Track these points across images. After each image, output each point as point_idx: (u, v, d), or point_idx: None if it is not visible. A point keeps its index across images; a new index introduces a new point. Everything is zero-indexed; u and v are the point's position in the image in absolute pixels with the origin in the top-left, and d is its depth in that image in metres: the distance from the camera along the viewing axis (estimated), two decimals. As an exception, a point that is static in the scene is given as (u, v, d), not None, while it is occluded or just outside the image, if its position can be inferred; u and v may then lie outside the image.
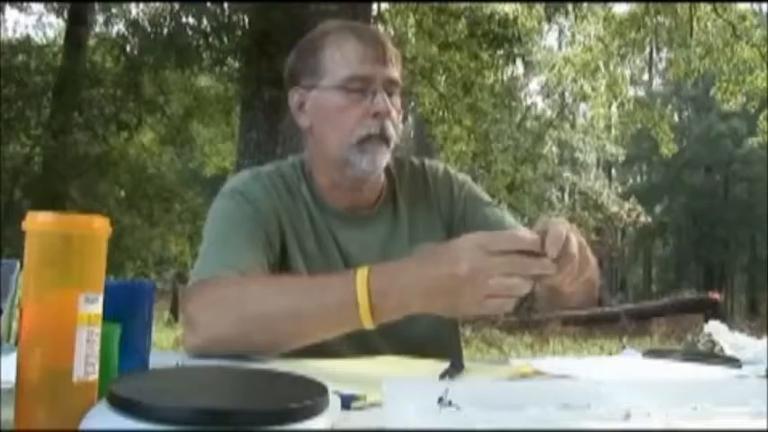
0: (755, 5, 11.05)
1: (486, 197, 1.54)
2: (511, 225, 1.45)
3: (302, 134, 1.44)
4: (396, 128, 1.35)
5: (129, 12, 10.24)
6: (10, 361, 0.70)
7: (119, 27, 10.35)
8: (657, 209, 28.76)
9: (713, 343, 1.28)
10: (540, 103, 21.28)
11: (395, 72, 1.36)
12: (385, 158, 1.35)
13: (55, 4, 12.40)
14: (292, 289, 1.14)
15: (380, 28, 10.28)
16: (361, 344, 1.30)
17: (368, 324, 1.05)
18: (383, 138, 1.32)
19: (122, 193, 10.18)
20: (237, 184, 1.40)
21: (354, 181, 1.38)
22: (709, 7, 10.58)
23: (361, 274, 1.04)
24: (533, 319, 13.26)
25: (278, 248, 1.34)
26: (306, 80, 1.37)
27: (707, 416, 0.68)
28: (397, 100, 1.36)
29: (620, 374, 1.14)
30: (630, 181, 34.00)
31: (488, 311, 1.00)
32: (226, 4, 7.70)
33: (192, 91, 10.38)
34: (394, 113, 1.34)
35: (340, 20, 1.42)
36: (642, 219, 17.47)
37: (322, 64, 1.35)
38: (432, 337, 1.35)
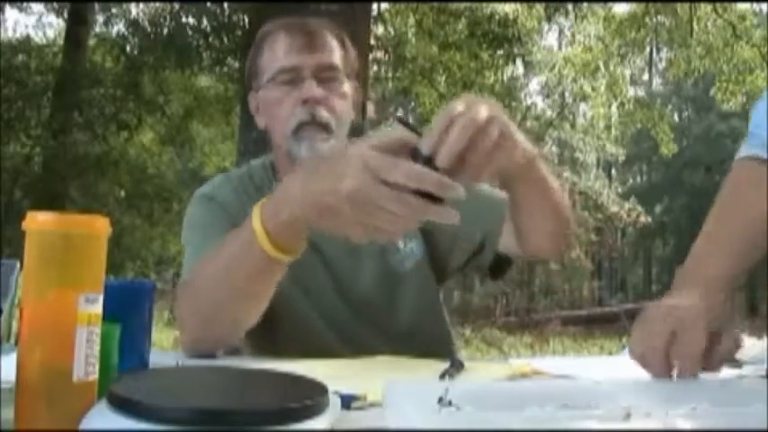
0: (755, 5, 11.04)
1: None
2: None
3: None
4: (337, 113, 1.33)
5: (129, 12, 10.24)
6: (10, 361, 0.70)
7: (119, 27, 10.36)
8: (657, 209, 28.75)
9: (713, 343, 1.28)
10: (540, 103, 21.25)
11: (329, 58, 1.36)
12: (325, 144, 1.31)
13: (55, 4, 12.41)
14: (217, 251, 1.09)
15: (380, 28, 10.29)
16: (349, 339, 1.33)
17: (271, 251, 0.96)
18: (317, 124, 1.31)
19: (122, 193, 10.19)
20: (207, 189, 1.42)
21: None
22: (709, 7, 10.57)
23: (258, 204, 0.99)
24: (533, 319, 13.25)
25: None
26: (254, 83, 1.41)
27: (707, 416, 0.68)
28: (341, 85, 1.36)
29: (620, 374, 1.14)
30: (630, 181, 33.99)
31: (372, 239, 0.90)
32: (226, 4, 7.71)
33: (192, 91, 10.39)
34: (333, 99, 1.33)
35: (281, 18, 1.42)
36: (642, 219, 17.47)
37: (261, 64, 1.38)
38: (417, 328, 1.36)
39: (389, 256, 1.39)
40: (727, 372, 1.12)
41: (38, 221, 0.67)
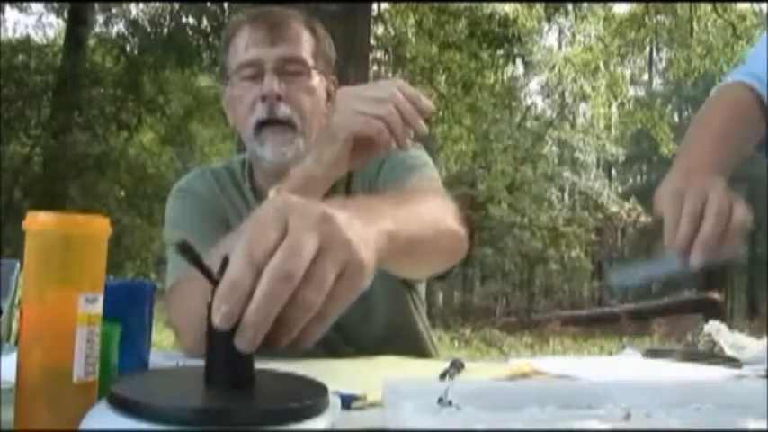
0: (755, 5, 11.04)
1: (414, 162, 1.32)
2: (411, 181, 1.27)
3: None
4: (302, 109, 1.25)
5: (129, 12, 10.24)
6: (10, 361, 0.70)
7: (119, 27, 10.36)
8: (657, 209, 28.70)
9: (713, 343, 1.28)
10: (540, 103, 21.27)
11: (294, 50, 1.27)
12: (291, 145, 1.24)
13: (55, 4, 12.41)
14: (223, 243, 1.08)
15: (380, 28, 10.29)
16: (326, 348, 1.28)
17: None
18: (277, 122, 1.24)
19: (122, 193, 10.19)
20: (182, 183, 1.40)
21: (273, 175, 1.24)
22: (709, 7, 10.57)
23: (273, 191, 1.08)
24: (533, 319, 13.26)
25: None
26: (223, 78, 1.35)
27: (707, 416, 0.68)
28: (308, 79, 1.27)
29: (620, 374, 1.14)
30: (630, 181, 33.98)
31: (357, 126, 1.02)
32: (226, 4, 7.71)
33: (192, 91, 10.40)
34: (297, 94, 1.25)
35: (248, 10, 1.33)
36: (642, 219, 17.46)
37: (226, 60, 1.32)
38: (389, 340, 1.30)
39: None
40: (727, 372, 1.12)
41: (38, 221, 0.67)
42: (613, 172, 30.50)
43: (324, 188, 1.10)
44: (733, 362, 1.18)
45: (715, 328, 1.31)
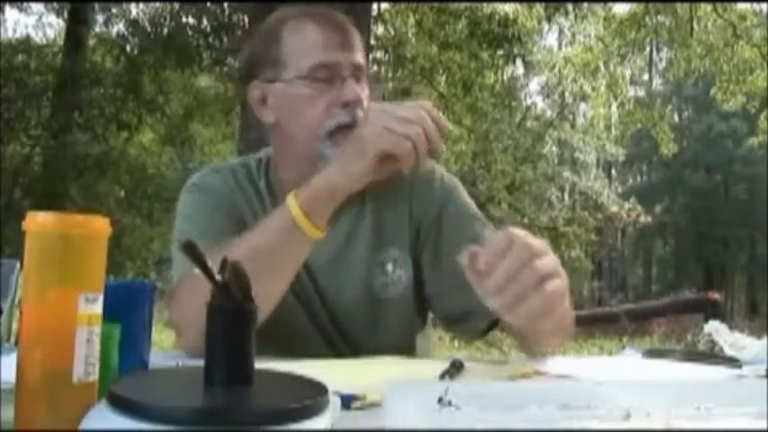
0: (755, 5, 11.04)
1: (472, 209, 1.39)
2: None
3: (265, 130, 1.36)
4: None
5: (129, 12, 10.24)
6: (10, 361, 0.70)
7: (119, 27, 10.36)
8: (657, 209, 28.74)
9: (713, 343, 1.28)
10: (540, 103, 21.27)
11: (360, 57, 1.27)
12: None
13: (55, 4, 12.42)
14: (239, 242, 1.14)
15: (380, 28, 10.29)
16: (337, 352, 1.30)
17: (310, 230, 1.12)
18: (353, 127, 1.22)
19: (122, 193, 10.19)
20: (195, 179, 1.38)
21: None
22: (709, 7, 10.57)
23: (290, 195, 1.14)
24: (533, 319, 13.18)
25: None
26: (266, 73, 1.28)
27: (707, 416, 0.68)
28: (365, 86, 1.28)
29: (620, 374, 1.14)
30: (630, 181, 33.99)
31: (388, 145, 1.09)
32: (226, 4, 7.71)
33: (192, 91, 10.40)
34: (365, 101, 1.26)
35: (295, 6, 1.31)
36: (642, 219, 17.45)
37: (283, 54, 1.26)
38: (397, 348, 1.30)
39: (374, 280, 1.33)
40: (727, 372, 1.12)
41: (38, 221, 0.67)
42: (613, 172, 30.51)
43: (343, 197, 1.15)
44: (733, 362, 1.18)
45: (715, 328, 1.31)
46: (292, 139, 1.29)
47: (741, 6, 10.74)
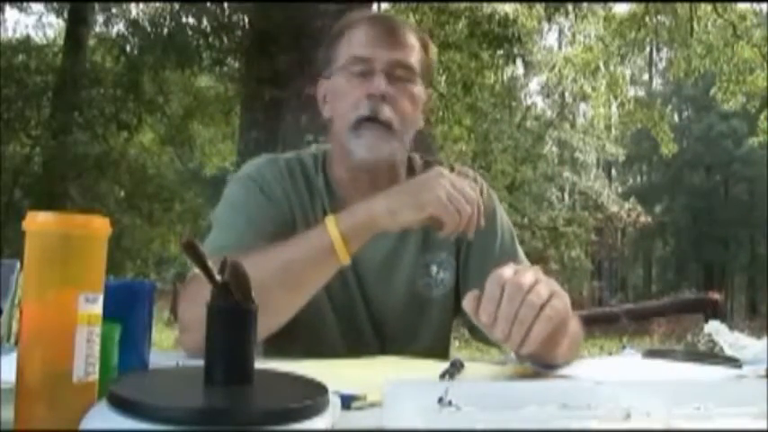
0: (755, 5, 11.04)
1: (505, 224, 1.43)
2: (520, 261, 1.37)
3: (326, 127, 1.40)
4: (403, 114, 1.28)
5: (129, 12, 10.22)
6: (10, 361, 0.70)
7: (119, 27, 10.34)
8: (657, 209, 28.74)
9: (713, 343, 1.28)
10: (540, 103, 21.29)
11: (406, 55, 1.29)
12: (387, 145, 1.27)
13: (55, 4, 12.40)
14: (273, 251, 1.16)
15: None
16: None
17: (344, 255, 1.15)
18: (377, 121, 1.25)
19: (122, 193, 10.18)
20: (250, 169, 1.36)
21: (364, 173, 1.31)
22: (709, 7, 10.56)
23: (330, 218, 1.17)
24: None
25: (289, 233, 1.27)
26: (325, 70, 1.35)
27: (707, 416, 0.68)
28: (413, 86, 1.30)
29: (620, 374, 1.14)
30: (630, 181, 33.99)
31: (444, 214, 1.14)
32: (226, 4, 7.70)
33: (192, 91, 10.38)
34: (401, 98, 1.27)
35: (366, 11, 1.39)
36: (642, 219, 17.45)
37: (336, 51, 1.33)
38: (430, 356, 1.31)
39: (419, 280, 1.36)
40: (727, 372, 1.12)
41: (38, 221, 0.67)
42: (613, 172, 30.51)
43: (377, 232, 1.18)
44: (733, 362, 1.18)
45: (715, 328, 1.31)
46: (336, 134, 1.33)
47: (741, 6, 10.74)
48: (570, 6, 9.94)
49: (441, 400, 0.68)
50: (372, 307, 1.35)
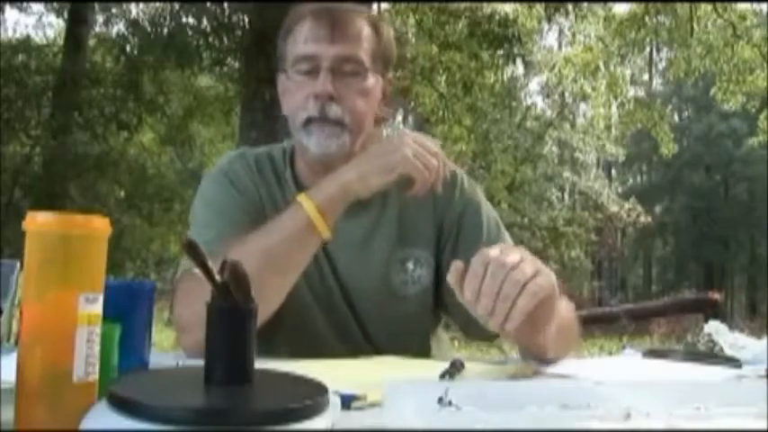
0: (755, 5, 11.03)
1: (491, 214, 1.41)
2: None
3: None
4: (353, 110, 1.26)
5: (129, 12, 10.23)
6: (10, 361, 0.70)
7: (119, 27, 10.35)
8: (657, 209, 28.72)
9: (713, 343, 1.28)
10: (540, 103, 21.30)
11: (352, 49, 1.27)
12: (338, 140, 1.26)
13: (55, 4, 12.42)
14: (252, 240, 1.16)
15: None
16: (355, 347, 1.30)
17: (325, 231, 1.16)
18: (326, 120, 1.25)
19: (122, 193, 10.19)
20: (222, 164, 1.38)
21: (320, 166, 1.29)
22: (709, 7, 10.57)
23: (301, 196, 1.19)
24: (533, 319, 13.18)
25: (262, 224, 1.26)
26: (280, 65, 1.35)
27: (707, 416, 0.68)
28: (363, 81, 1.28)
29: (620, 374, 1.14)
30: (630, 181, 33.99)
31: (414, 171, 1.18)
32: (226, 4, 7.71)
33: (192, 91, 10.39)
34: (349, 95, 1.26)
35: (313, 3, 1.34)
36: (642, 219, 17.46)
37: (286, 48, 1.32)
38: (411, 347, 1.31)
39: (393, 276, 1.34)
40: (727, 372, 1.12)
41: (38, 221, 0.67)
42: (613, 172, 30.51)
43: (352, 200, 1.20)
44: (733, 362, 1.18)
45: (715, 328, 1.31)
46: (292, 130, 1.34)
47: (741, 6, 10.74)
48: (570, 6, 9.94)
49: (441, 400, 0.68)
50: (349, 298, 1.34)
